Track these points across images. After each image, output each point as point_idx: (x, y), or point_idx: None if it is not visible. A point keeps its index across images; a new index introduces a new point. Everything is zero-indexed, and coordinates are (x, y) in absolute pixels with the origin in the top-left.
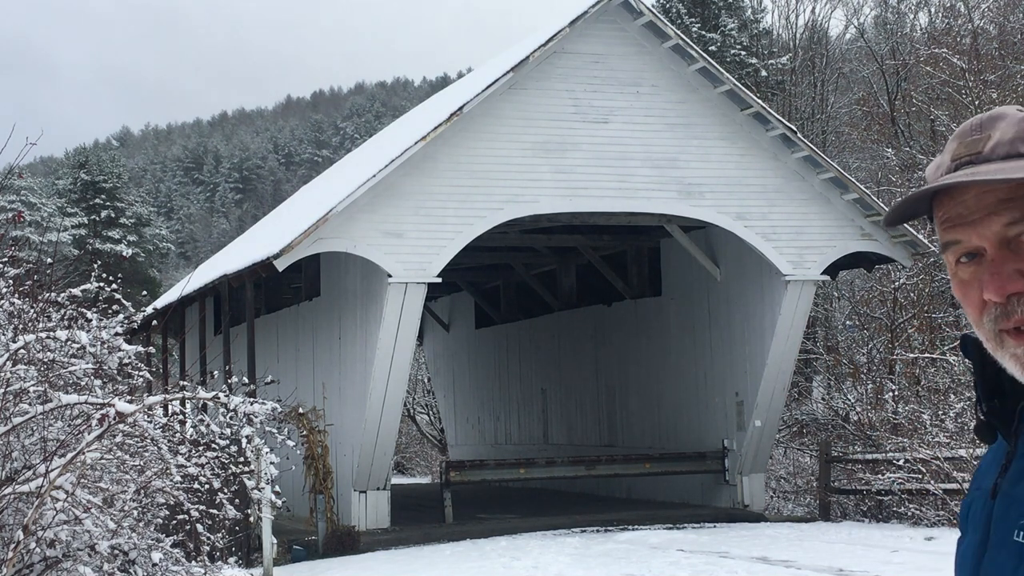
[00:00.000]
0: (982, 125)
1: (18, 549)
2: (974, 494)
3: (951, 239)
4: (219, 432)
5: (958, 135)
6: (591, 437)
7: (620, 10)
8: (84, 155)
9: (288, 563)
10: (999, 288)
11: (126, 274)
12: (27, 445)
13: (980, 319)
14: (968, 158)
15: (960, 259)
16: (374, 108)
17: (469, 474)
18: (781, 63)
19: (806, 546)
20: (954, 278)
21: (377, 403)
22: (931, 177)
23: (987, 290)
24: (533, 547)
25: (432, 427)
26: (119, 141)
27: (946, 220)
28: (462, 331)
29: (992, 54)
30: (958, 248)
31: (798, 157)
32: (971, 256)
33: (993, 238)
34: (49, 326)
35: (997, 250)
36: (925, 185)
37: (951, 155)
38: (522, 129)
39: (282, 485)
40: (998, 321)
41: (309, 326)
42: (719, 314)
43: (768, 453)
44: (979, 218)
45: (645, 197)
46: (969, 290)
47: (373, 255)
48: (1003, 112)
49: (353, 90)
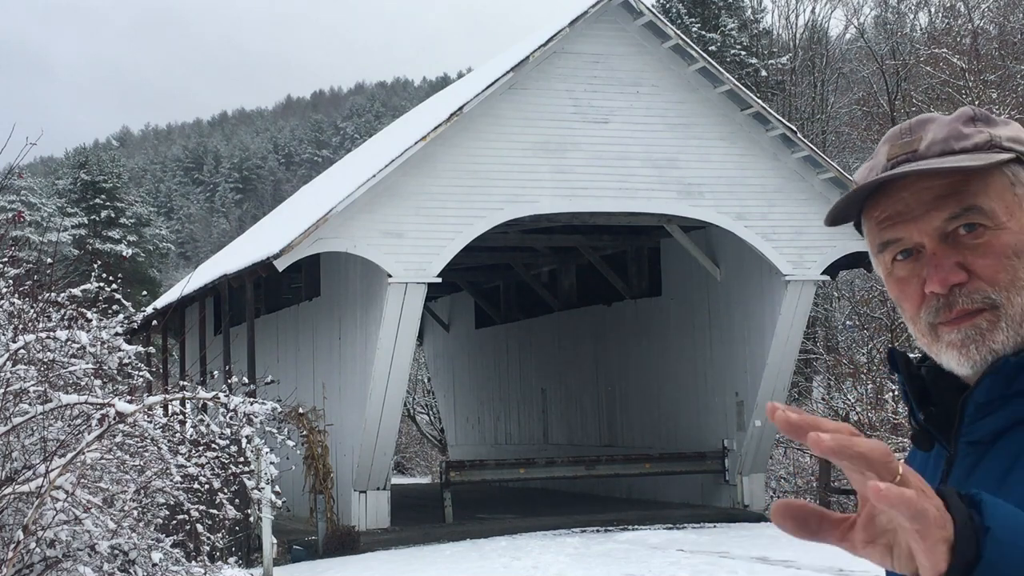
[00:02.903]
0: (912, 129)
1: (18, 549)
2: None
3: (890, 237)
4: (219, 432)
5: (889, 138)
6: (591, 437)
7: (620, 10)
8: (84, 155)
9: (288, 563)
10: (942, 280)
11: (126, 274)
12: (27, 445)
13: (917, 314)
14: (904, 156)
15: (896, 257)
16: (374, 108)
17: (469, 474)
18: (781, 63)
19: (806, 546)
20: (889, 277)
21: (377, 403)
22: (863, 179)
23: (930, 283)
24: (533, 547)
25: (432, 427)
26: (119, 141)
27: (885, 219)
28: (462, 331)
29: (992, 54)
30: (896, 246)
31: (798, 157)
32: (907, 254)
33: (933, 233)
34: (49, 326)
35: (937, 244)
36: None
37: (886, 156)
38: (522, 129)
39: (282, 485)
40: (939, 314)
41: (309, 326)
42: (719, 314)
43: (768, 453)
44: (919, 214)
45: (645, 197)
46: (907, 286)
47: (373, 255)
48: (931, 116)
49: (353, 90)
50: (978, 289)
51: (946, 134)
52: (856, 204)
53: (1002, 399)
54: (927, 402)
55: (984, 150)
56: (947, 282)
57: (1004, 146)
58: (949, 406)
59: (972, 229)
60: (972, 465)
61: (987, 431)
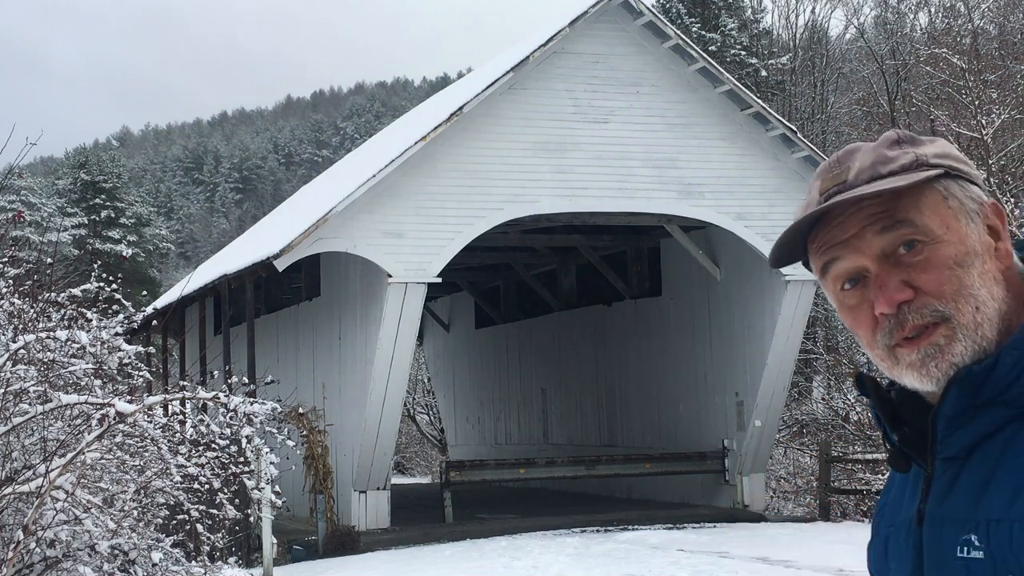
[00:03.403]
0: (839, 160)
1: (18, 549)
2: (887, 531)
3: (832, 257)
4: (219, 432)
5: (819, 174)
6: (591, 437)
7: (620, 10)
8: (84, 155)
9: (288, 563)
10: (889, 299)
11: (126, 274)
12: (27, 445)
13: (874, 339)
14: (835, 188)
15: (843, 286)
16: (374, 108)
17: (469, 474)
18: (781, 63)
19: (806, 546)
20: (841, 307)
21: (377, 403)
22: (801, 215)
23: (878, 304)
24: (533, 547)
25: (432, 427)
26: (119, 141)
27: (825, 244)
28: (462, 331)
29: (992, 54)
30: (838, 268)
31: (798, 157)
32: (854, 282)
33: (874, 255)
34: (49, 326)
35: (879, 265)
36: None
37: (818, 191)
38: (522, 129)
39: (282, 485)
40: (892, 335)
41: (309, 326)
42: (719, 314)
43: (768, 453)
44: (857, 239)
45: (645, 197)
46: (859, 313)
47: (373, 255)
48: (858, 146)
49: (353, 90)
50: (926, 304)
51: (872, 160)
52: (799, 243)
53: (971, 411)
54: (900, 423)
55: (911, 170)
56: (894, 301)
57: (931, 163)
58: (921, 425)
59: (912, 247)
60: (950, 482)
61: (960, 446)
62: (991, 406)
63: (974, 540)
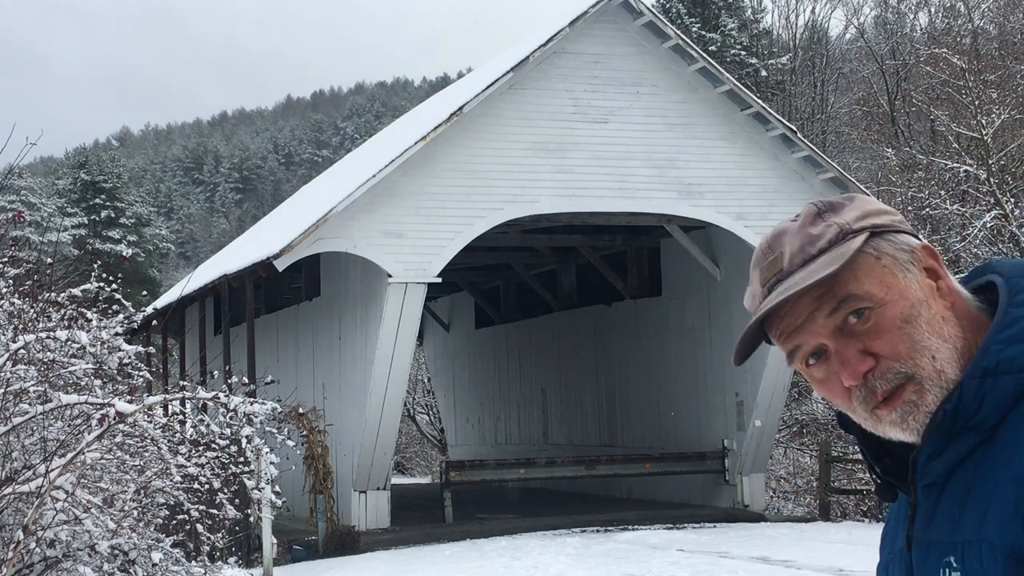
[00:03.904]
0: (770, 247)
1: (18, 549)
2: (888, 558)
3: (793, 346)
4: (219, 432)
5: (755, 264)
6: (591, 437)
7: (620, 10)
8: (84, 155)
9: (288, 563)
10: (853, 373)
11: (126, 274)
12: (27, 445)
13: (852, 405)
14: (774, 278)
15: (808, 362)
16: (374, 108)
17: (469, 474)
18: (781, 63)
19: (806, 546)
20: (813, 381)
21: (377, 403)
22: (751, 308)
23: (845, 379)
24: (533, 547)
25: (432, 427)
26: (119, 141)
27: (781, 333)
28: (462, 331)
29: (992, 54)
30: (803, 351)
31: (798, 157)
32: (817, 356)
33: (827, 333)
34: (49, 326)
35: (835, 340)
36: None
37: (760, 282)
38: (522, 129)
39: (282, 485)
40: (867, 401)
41: (309, 326)
42: (719, 314)
43: (768, 453)
44: (808, 323)
45: (645, 197)
46: (831, 384)
47: (373, 255)
48: (782, 228)
49: (353, 90)
50: (888, 368)
51: (799, 243)
52: (758, 334)
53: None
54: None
55: (838, 242)
56: (857, 373)
57: (854, 229)
58: (904, 456)
59: (860, 315)
60: (932, 507)
61: (937, 472)
62: (962, 433)
63: (952, 562)
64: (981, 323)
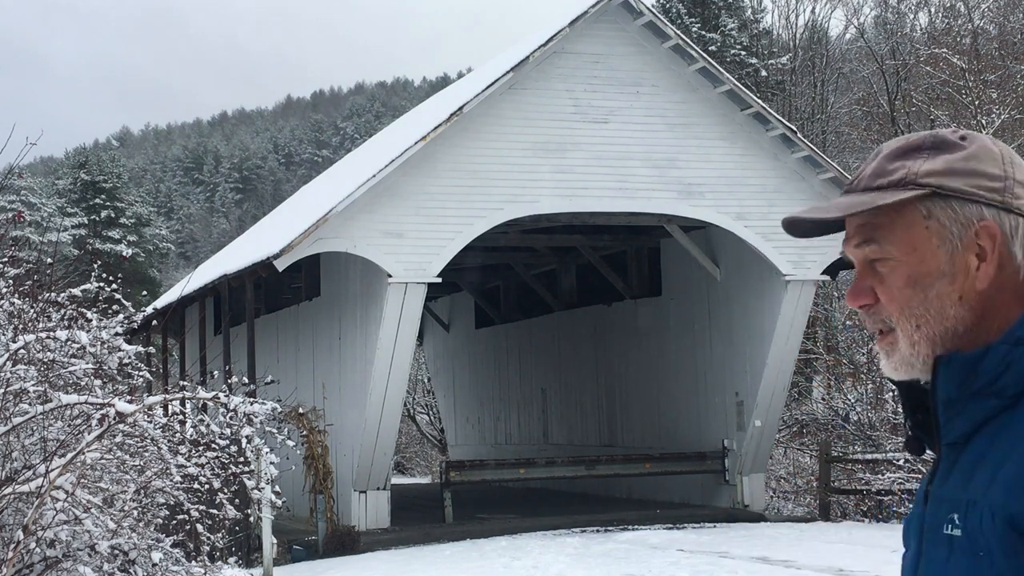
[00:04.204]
0: (871, 157)
1: (18, 549)
2: (912, 512)
3: (842, 250)
4: (219, 432)
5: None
6: (591, 437)
7: (620, 10)
8: (84, 155)
9: (288, 563)
10: (850, 298)
11: (126, 274)
12: (27, 445)
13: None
14: (852, 183)
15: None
16: (374, 108)
17: (469, 474)
18: (781, 63)
19: (806, 546)
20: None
21: (377, 403)
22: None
23: (847, 297)
24: (533, 547)
25: (432, 427)
26: (119, 141)
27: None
28: (462, 331)
29: (992, 54)
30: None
31: (798, 157)
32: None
33: (859, 254)
34: (49, 326)
35: (861, 267)
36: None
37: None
38: (522, 129)
39: (282, 485)
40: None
41: (309, 326)
42: (719, 314)
43: (768, 453)
44: (849, 241)
45: (645, 197)
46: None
47: (373, 255)
48: (886, 145)
49: (353, 90)
50: (878, 312)
51: (875, 169)
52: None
53: (965, 400)
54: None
55: (898, 187)
56: (854, 301)
57: (919, 182)
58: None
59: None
60: (951, 465)
61: (959, 432)
62: (983, 396)
63: (955, 519)
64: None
